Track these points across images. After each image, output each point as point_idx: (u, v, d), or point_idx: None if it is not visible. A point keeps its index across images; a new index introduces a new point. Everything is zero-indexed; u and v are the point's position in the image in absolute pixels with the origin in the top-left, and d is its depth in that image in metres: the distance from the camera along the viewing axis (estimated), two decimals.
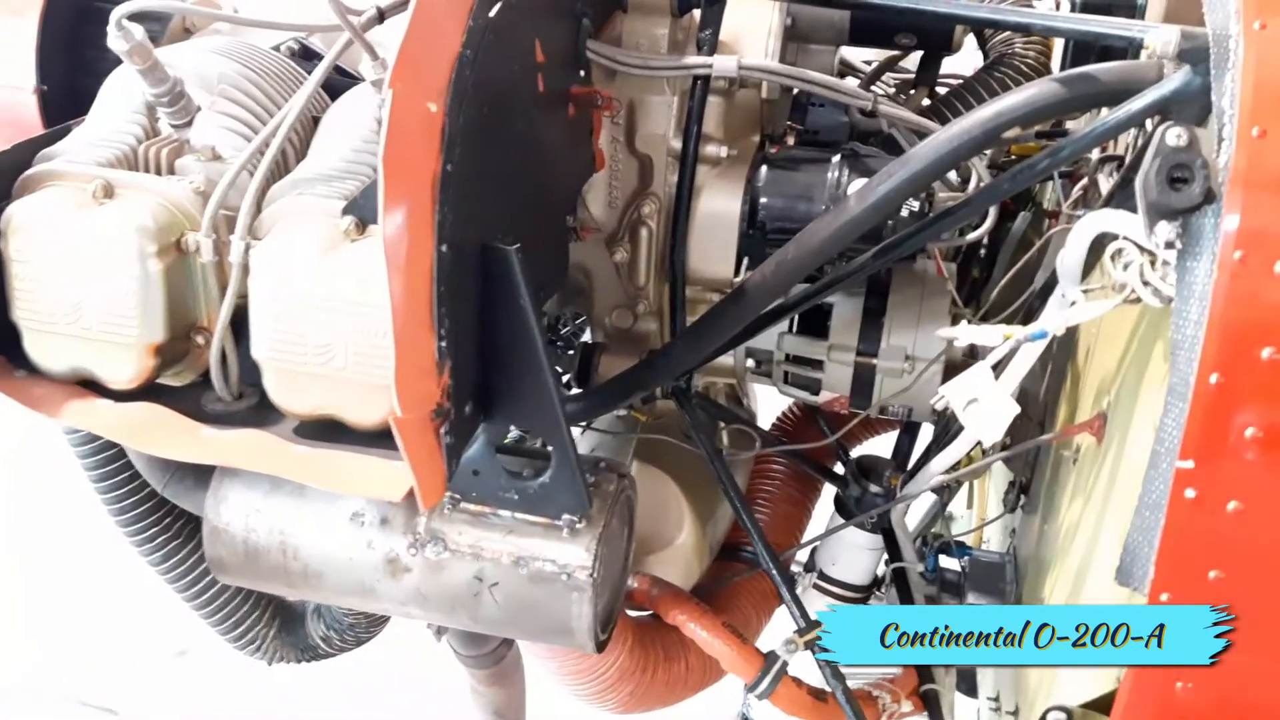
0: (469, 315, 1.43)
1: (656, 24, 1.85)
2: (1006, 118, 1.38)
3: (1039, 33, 1.41)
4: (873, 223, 1.52)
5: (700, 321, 1.77)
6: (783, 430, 2.69)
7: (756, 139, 2.02)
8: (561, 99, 1.73)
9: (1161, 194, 1.11)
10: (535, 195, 1.61)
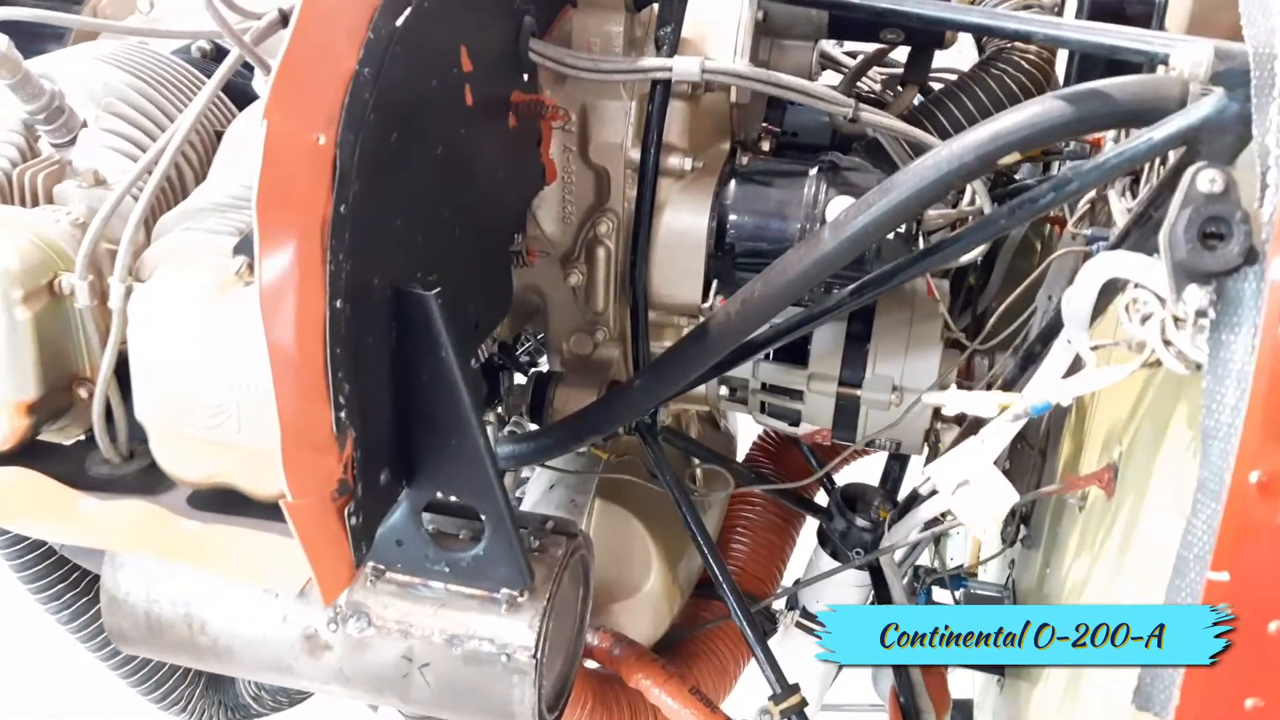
0: (380, 371, 1.24)
1: (610, 20, 1.64)
2: (1004, 141, 1.18)
3: (1041, 42, 1.20)
4: (849, 258, 1.32)
5: (660, 361, 1.58)
6: (764, 452, 2.49)
7: (726, 146, 1.81)
8: (499, 109, 1.52)
9: (1192, 253, 0.91)
10: (466, 222, 1.41)
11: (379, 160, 1.15)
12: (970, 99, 1.83)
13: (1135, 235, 1.17)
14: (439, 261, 1.33)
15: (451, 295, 1.33)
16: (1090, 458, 1.59)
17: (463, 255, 1.41)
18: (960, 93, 1.84)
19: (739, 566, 2.31)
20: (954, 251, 1.35)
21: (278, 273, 1.04)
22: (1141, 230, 1.16)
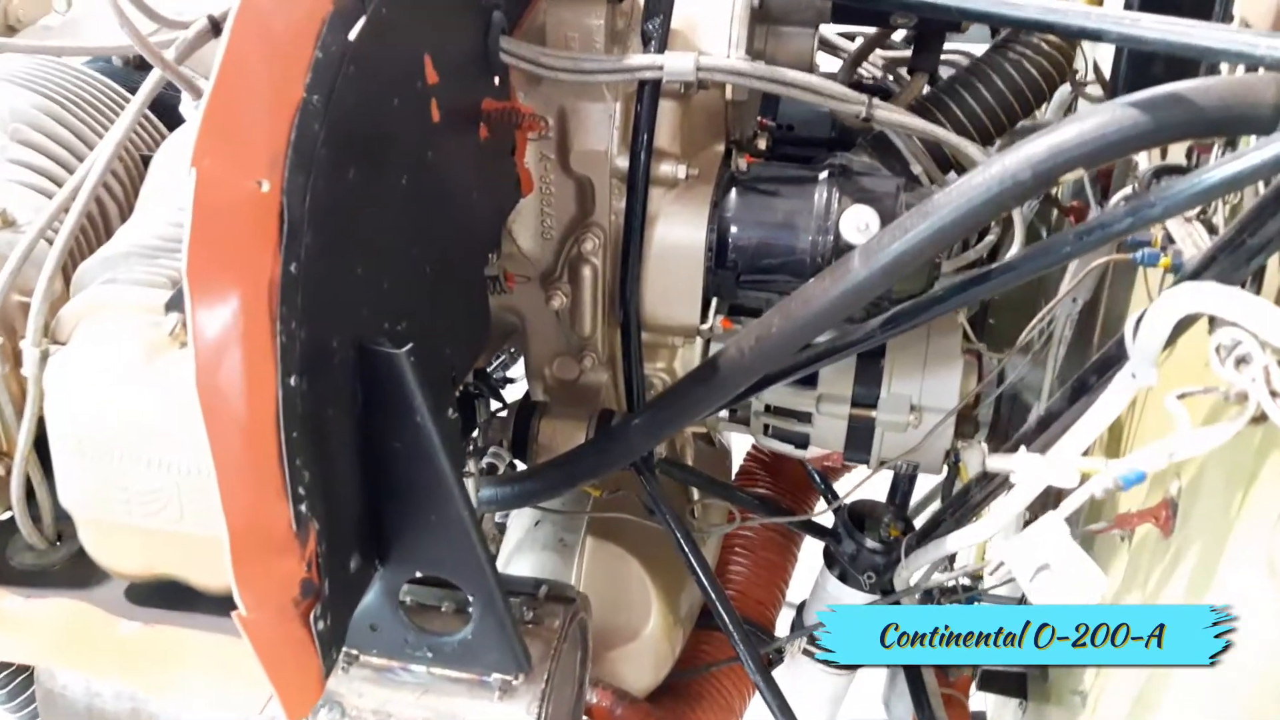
0: (344, 444, 1.06)
1: (589, 12, 1.45)
2: (1064, 156, 1.01)
3: (1115, 42, 1.04)
4: (882, 289, 1.15)
5: (663, 401, 1.41)
6: (759, 463, 2.33)
7: (721, 148, 1.63)
8: (469, 120, 1.33)
9: None
10: (438, 256, 1.22)
11: (335, 203, 0.97)
12: (987, 87, 1.66)
13: (1224, 263, 1.00)
14: (409, 307, 1.15)
15: (425, 344, 1.15)
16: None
17: (435, 295, 1.23)
18: (975, 81, 1.67)
19: (738, 590, 2.15)
20: (1005, 281, 1.19)
21: (217, 355, 0.86)
22: (1232, 257, 0.99)
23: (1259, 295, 1.10)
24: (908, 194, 1.48)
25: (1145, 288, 1.66)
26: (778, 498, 2.20)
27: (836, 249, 1.47)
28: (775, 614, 2.23)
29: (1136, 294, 1.73)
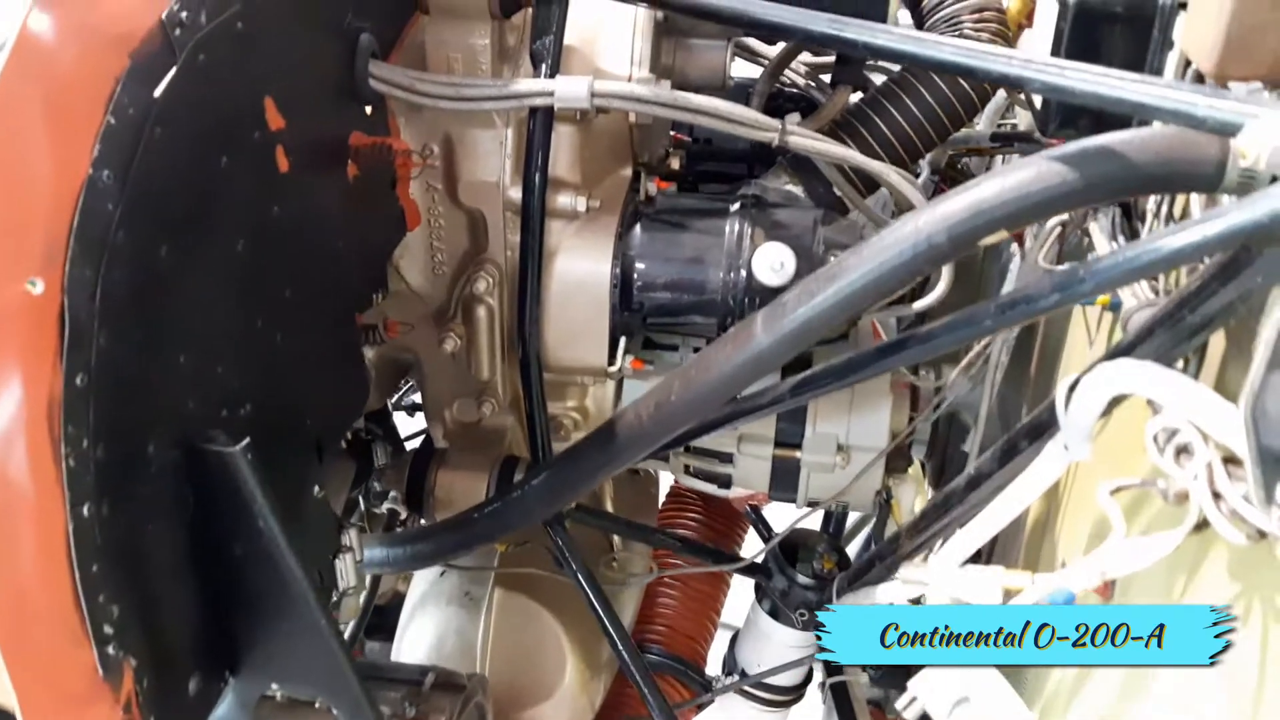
0: (174, 557, 0.93)
1: (472, 31, 1.30)
2: (985, 216, 0.89)
3: (1038, 92, 0.91)
4: (787, 358, 1.03)
5: (561, 464, 1.29)
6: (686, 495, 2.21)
7: (628, 173, 1.50)
8: (333, 160, 1.19)
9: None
10: (291, 319, 1.08)
11: (141, 291, 0.83)
12: (915, 101, 1.53)
13: (1162, 338, 0.89)
14: (253, 386, 1.01)
15: (276, 424, 1.02)
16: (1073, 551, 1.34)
17: (290, 362, 1.09)
18: (903, 93, 1.53)
19: (667, 625, 2.04)
20: (923, 352, 1.07)
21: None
22: (1171, 332, 0.88)
23: (1200, 372, 1.00)
24: (826, 228, 1.36)
25: (1083, 311, 1.55)
26: (708, 524, 2.09)
27: (749, 290, 1.35)
28: (707, 647, 2.13)
29: (1075, 314, 1.62)
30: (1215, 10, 0.89)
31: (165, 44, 0.85)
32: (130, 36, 0.83)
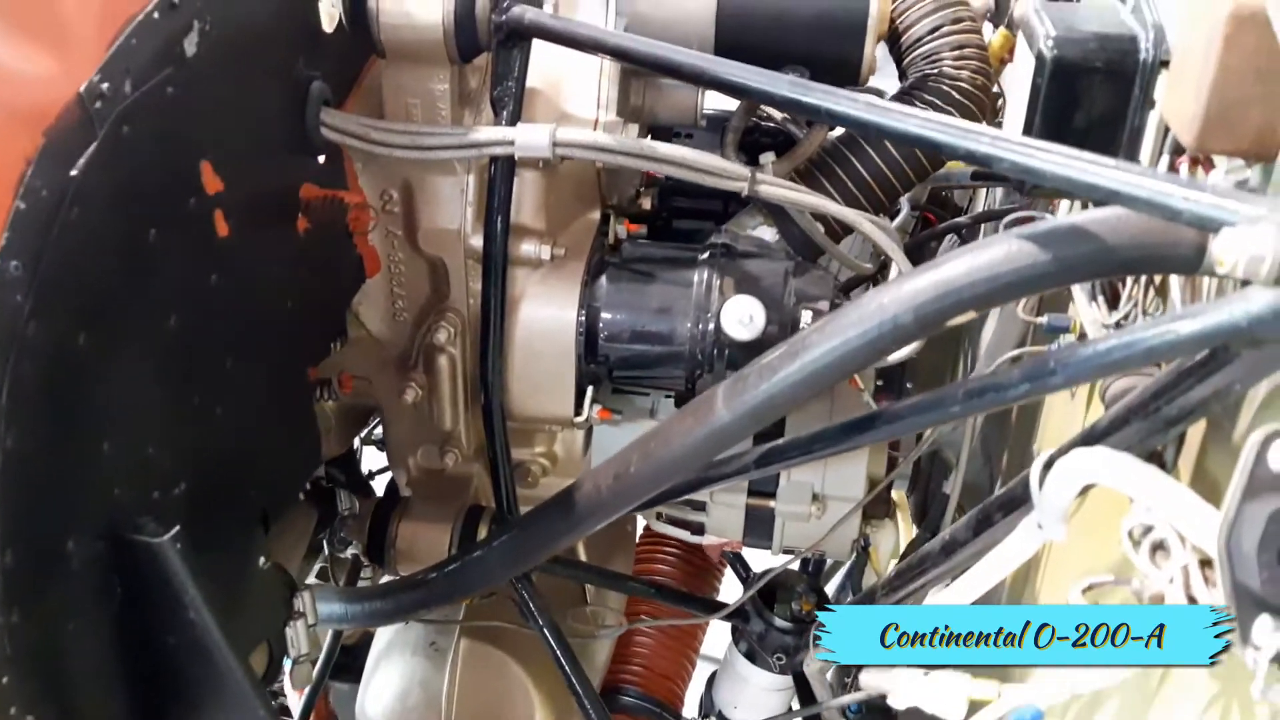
0: (100, 653, 0.88)
1: (430, 76, 1.25)
2: (952, 297, 0.85)
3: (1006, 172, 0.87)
4: (747, 435, 0.99)
5: (521, 529, 1.25)
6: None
7: (596, 215, 1.45)
8: (279, 216, 1.14)
9: (1270, 579, 0.59)
10: (233, 389, 1.04)
11: (53, 384, 0.78)
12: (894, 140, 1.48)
13: (1137, 428, 0.85)
14: (187, 464, 0.96)
15: (213, 502, 0.98)
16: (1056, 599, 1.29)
17: (229, 435, 1.04)
18: None
19: (643, 665, 2.00)
20: (892, 431, 1.03)
21: None
22: (1146, 423, 0.83)
23: (1180, 454, 0.95)
24: (798, 279, 1.32)
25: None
26: (686, 559, 2.04)
27: (718, 344, 1.30)
28: (685, 687, 2.08)
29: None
30: (1195, 83, 0.84)
31: (84, 119, 0.80)
32: (44, 113, 0.78)
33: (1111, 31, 1.03)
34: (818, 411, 1.50)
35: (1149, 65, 1.02)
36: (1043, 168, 0.78)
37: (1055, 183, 0.78)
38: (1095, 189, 0.75)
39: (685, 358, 1.32)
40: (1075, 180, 0.76)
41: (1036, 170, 0.79)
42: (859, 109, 0.92)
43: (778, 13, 1.36)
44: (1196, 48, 0.84)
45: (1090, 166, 0.75)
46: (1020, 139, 0.81)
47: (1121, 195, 0.74)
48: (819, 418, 1.49)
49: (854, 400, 1.49)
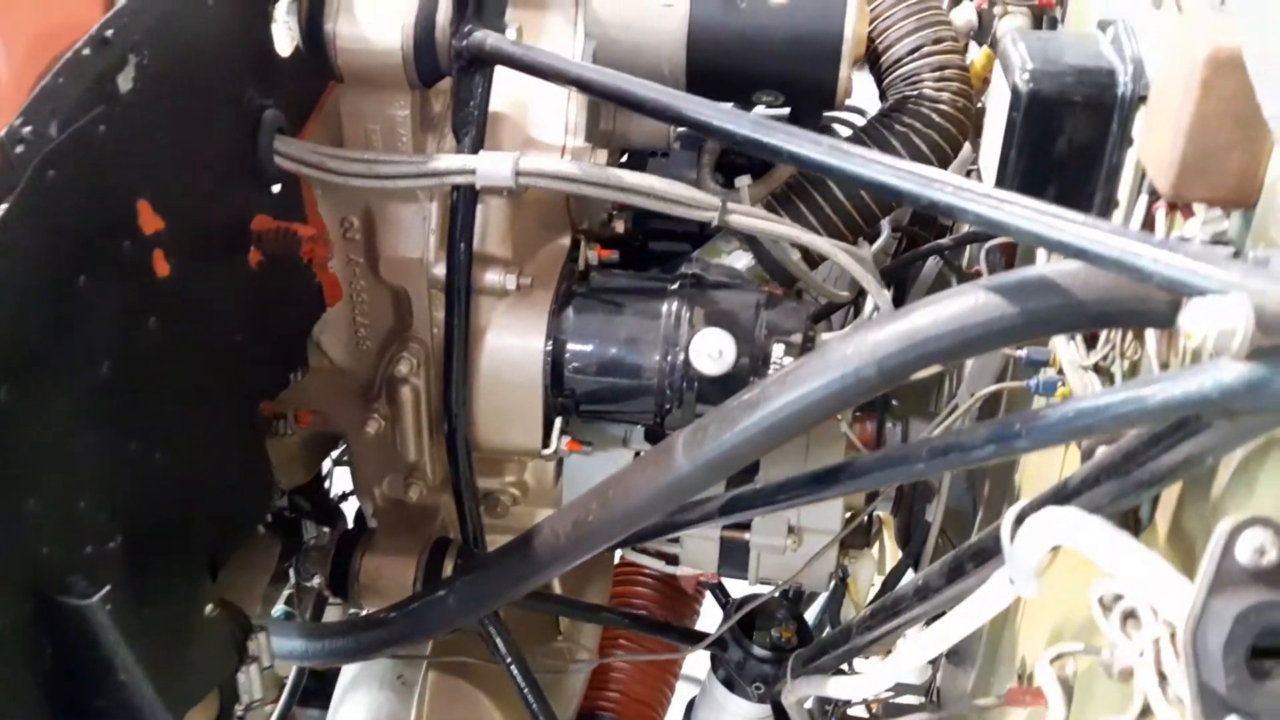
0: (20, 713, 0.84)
1: (390, 101, 1.21)
2: (916, 350, 0.81)
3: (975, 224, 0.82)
4: (707, 486, 0.95)
5: (481, 572, 1.22)
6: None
7: (566, 241, 1.41)
8: (228, 250, 1.10)
9: (1237, 682, 0.55)
10: (171, 433, 1.00)
11: None
12: None
13: (1109, 488, 0.81)
14: (122, 517, 0.92)
15: (152, 554, 0.94)
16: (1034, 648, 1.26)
17: (170, 482, 1.00)
18: None
19: (620, 691, 1.96)
20: (857, 484, 0.99)
21: None
22: (1119, 483, 0.80)
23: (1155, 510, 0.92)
24: (770, 310, 1.28)
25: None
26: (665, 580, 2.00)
27: (687, 377, 1.26)
28: (663, 712, 2.05)
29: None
30: (1172, 128, 0.80)
31: (3, 165, 0.76)
32: None
33: (1089, 64, 0.99)
34: (795, 446, 1.47)
35: (1128, 100, 0.98)
36: (1008, 221, 0.74)
37: (1021, 238, 0.75)
38: (1063, 246, 0.71)
39: (654, 391, 1.28)
40: (1042, 236, 0.72)
41: (1002, 224, 0.75)
42: (821, 152, 0.88)
43: (750, 36, 1.33)
44: (1173, 92, 0.80)
45: (1057, 222, 0.71)
46: (985, 190, 0.77)
47: (1089, 254, 0.70)
48: (794, 448, 1.46)
49: (831, 430, 1.45)
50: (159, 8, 0.93)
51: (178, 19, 0.96)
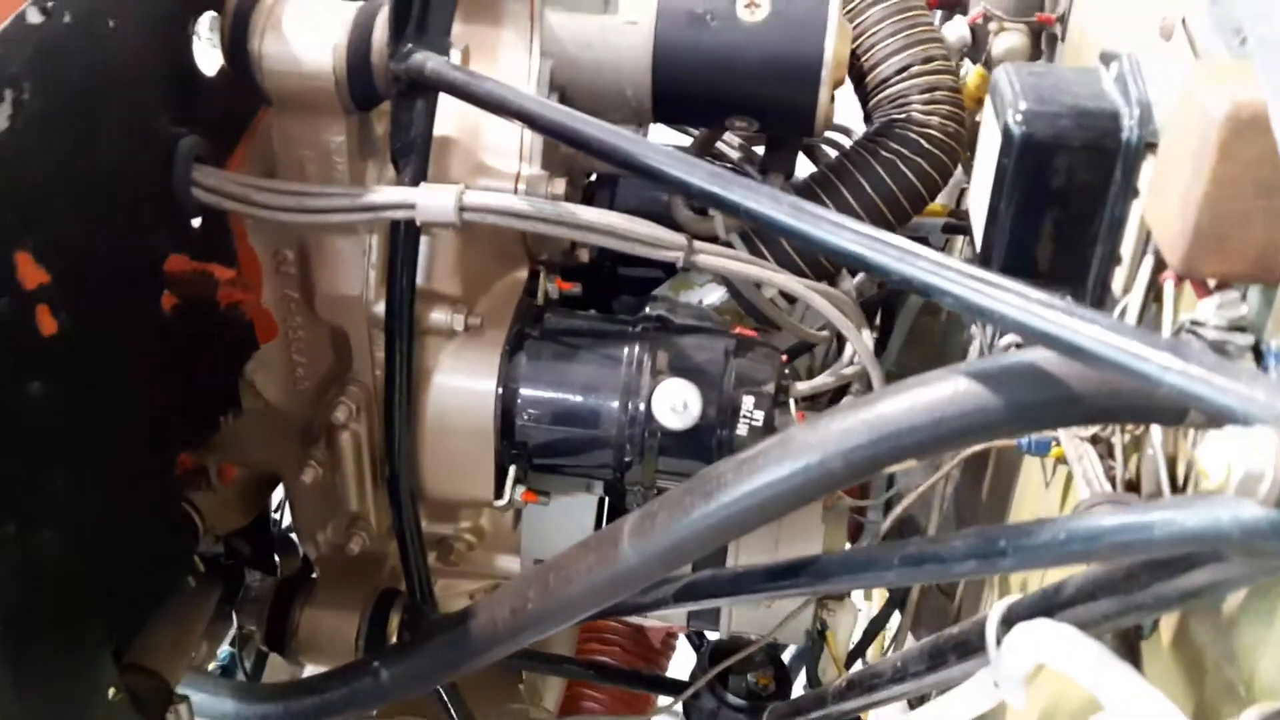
0: None
1: (325, 127, 1.11)
2: (889, 445, 0.71)
3: (953, 307, 0.72)
4: (654, 580, 0.85)
5: (416, 655, 1.11)
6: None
7: (523, 275, 1.30)
8: (134, 296, 1.00)
9: None
10: (58, 511, 0.89)
11: None
12: (853, 192, 1.34)
13: (1106, 606, 0.71)
14: (3, 605, 0.82)
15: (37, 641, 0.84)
16: None
17: (60, 561, 0.90)
18: (840, 184, 1.34)
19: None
20: (818, 584, 0.88)
21: None
22: (1117, 601, 0.69)
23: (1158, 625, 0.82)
24: (741, 358, 1.17)
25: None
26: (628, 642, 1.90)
27: (649, 431, 1.16)
28: None
29: None
30: (1183, 195, 0.70)
31: None
32: None
33: (1090, 105, 0.88)
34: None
35: (1133, 148, 0.87)
36: (993, 308, 0.64)
37: (1008, 326, 0.64)
38: (1055, 341, 0.61)
39: (612, 444, 1.17)
40: (1030, 328, 0.62)
41: (985, 310, 0.65)
42: (782, 212, 0.77)
43: (721, 57, 1.22)
44: (1185, 153, 0.70)
45: (1048, 313, 0.61)
46: (969, 270, 0.67)
47: (1086, 353, 0.59)
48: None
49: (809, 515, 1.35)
50: (41, 35, 0.82)
51: (68, 46, 0.86)
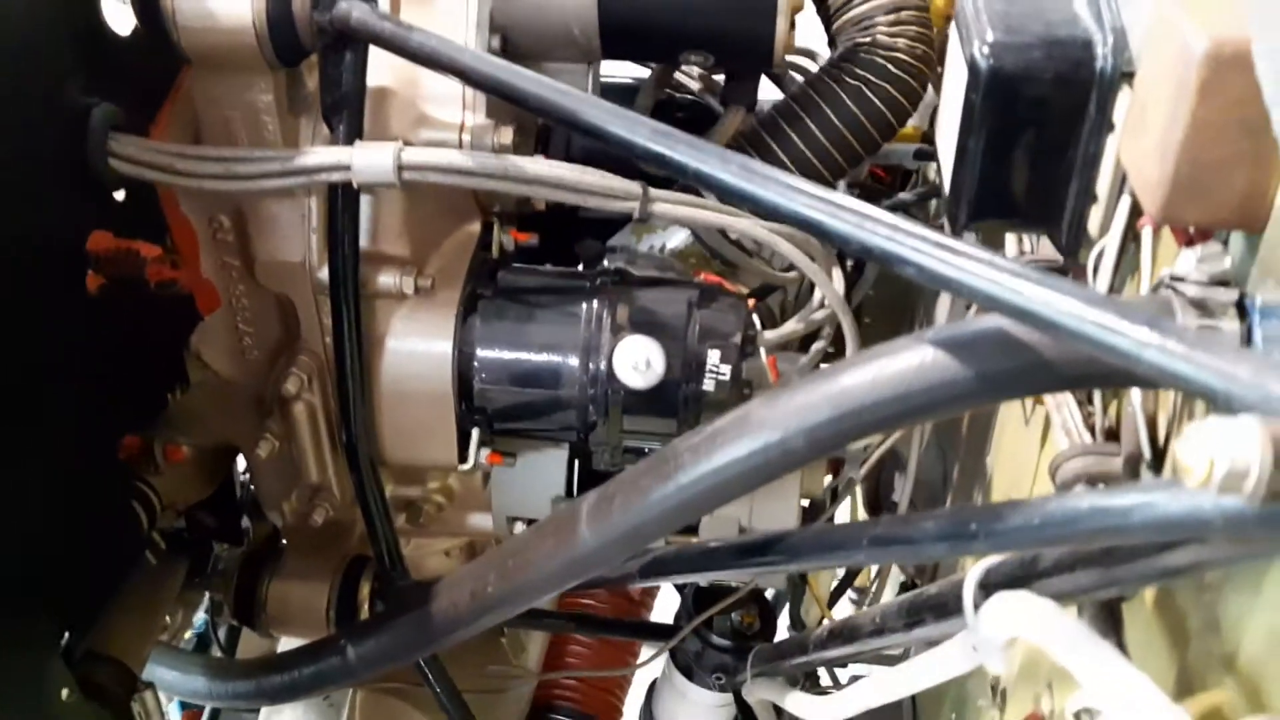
0: None
1: (249, 85, 1.04)
2: (853, 421, 0.66)
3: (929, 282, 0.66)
4: (614, 563, 0.81)
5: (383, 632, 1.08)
6: None
7: (475, 228, 1.24)
8: (55, 278, 0.94)
9: None
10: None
11: None
12: (819, 123, 1.27)
13: (1082, 578, 0.67)
14: None
15: None
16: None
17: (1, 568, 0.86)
18: (805, 115, 1.28)
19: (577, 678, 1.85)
20: (788, 561, 0.84)
21: None
22: (1098, 573, 0.66)
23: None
24: (705, 310, 1.12)
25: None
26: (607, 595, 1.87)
27: (611, 390, 1.11)
28: (623, 695, 1.95)
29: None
30: (1160, 140, 0.64)
31: None
32: None
33: (1061, 34, 0.82)
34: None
35: (1107, 77, 0.81)
36: (959, 279, 0.59)
37: (976, 299, 0.59)
38: (1026, 315, 0.56)
39: (575, 405, 1.13)
40: (1000, 300, 0.57)
41: (952, 282, 0.59)
42: (731, 173, 0.71)
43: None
44: (1162, 93, 0.64)
45: (1019, 284, 0.56)
46: (933, 236, 0.61)
47: (1060, 328, 0.54)
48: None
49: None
50: None
51: None
